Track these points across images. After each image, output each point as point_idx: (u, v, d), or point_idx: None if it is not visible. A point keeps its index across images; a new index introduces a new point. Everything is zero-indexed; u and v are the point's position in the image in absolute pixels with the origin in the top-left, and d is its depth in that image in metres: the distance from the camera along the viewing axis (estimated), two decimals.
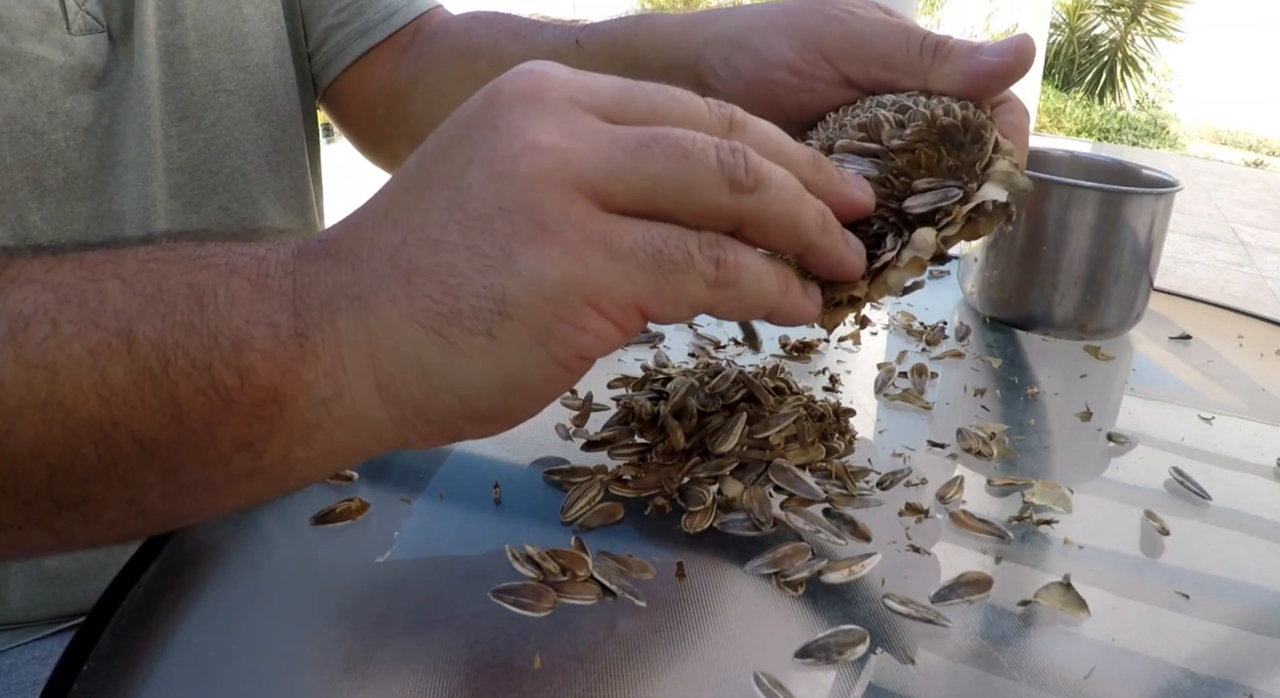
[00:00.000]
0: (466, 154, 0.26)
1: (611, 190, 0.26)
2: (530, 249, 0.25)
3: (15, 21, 0.46)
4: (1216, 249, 4.17)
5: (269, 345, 0.26)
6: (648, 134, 0.26)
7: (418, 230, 0.26)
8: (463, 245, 0.25)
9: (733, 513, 0.40)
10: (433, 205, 0.26)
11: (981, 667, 0.33)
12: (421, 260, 0.26)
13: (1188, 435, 0.52)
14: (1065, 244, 0.61)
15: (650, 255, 0.25)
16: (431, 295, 0.26)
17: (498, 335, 0.25)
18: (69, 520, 0.27)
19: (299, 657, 0.33)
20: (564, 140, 0.26)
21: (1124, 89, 9.15)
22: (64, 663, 0.32)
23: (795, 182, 0.28)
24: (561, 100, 0.26)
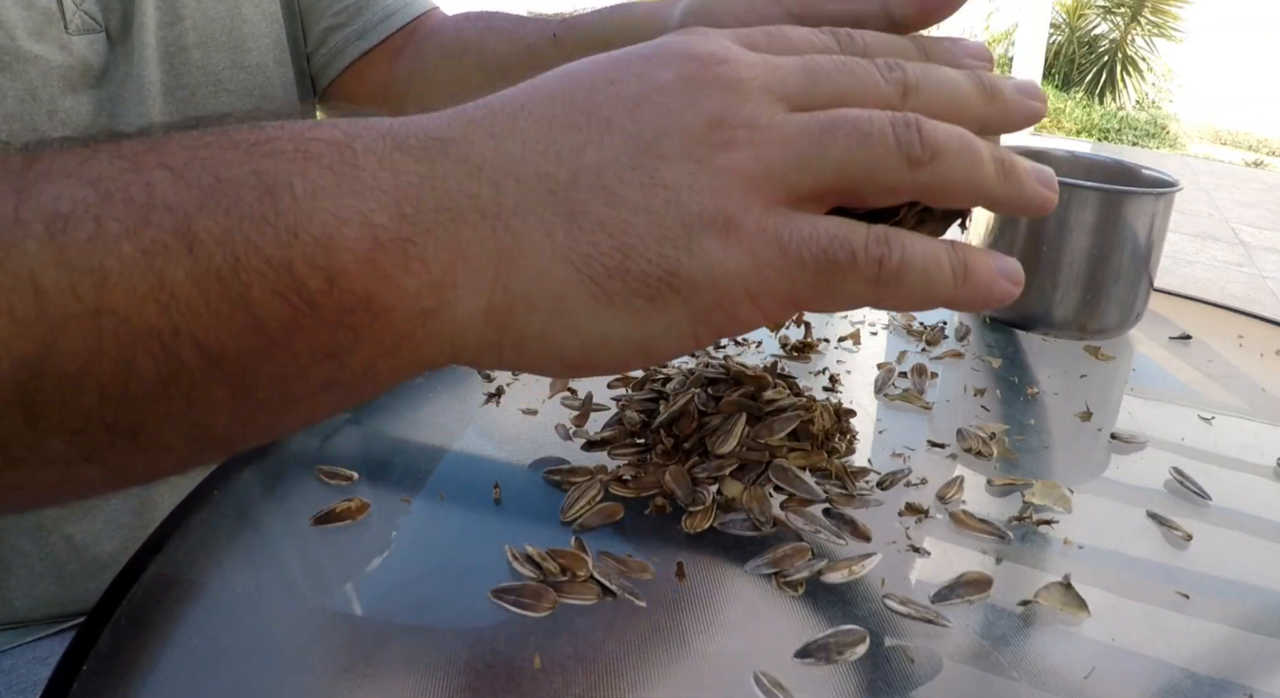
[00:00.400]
0: (660, 122, 0.26)
1: (799, 181, 0.26)
2: (711, 235, 0.25)
3: (13, 20, 0.46)
4: (1216, 249, 4.17)
5: (365, 247, 0.24)
6: (830, 121, 0.26)
7: (592, 173, 0.25)
8: (644, 208, 0.25)
9: (733, 513, 0.40)
10: (613, 156, 0.26)
11: (981, 667, 0.33)
12: (593, 207, 0.25)
13: (1188, 435, 0.52)
14: (1065, 244, 0.61)
15: (815, 255, 0.26)
16: (598, 245, 0.25)
17: (657, 303, 0.26)
18: (124, 450, 0.24)
19: (299, 657, 0.33)
20: (758, 135, 0.26)
21: (1124, 89, 9.15)
22: (64, 663, 0.32)
23: (970, 140, 0.28)
24: (758, 91, 0.27)
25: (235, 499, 0.41)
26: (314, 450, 0.45)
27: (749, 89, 0.26)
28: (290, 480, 0.43)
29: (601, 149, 0.26)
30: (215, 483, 0.42)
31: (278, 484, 0.43)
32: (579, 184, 0.25)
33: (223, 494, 0.41)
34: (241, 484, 0.42)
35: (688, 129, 0.26)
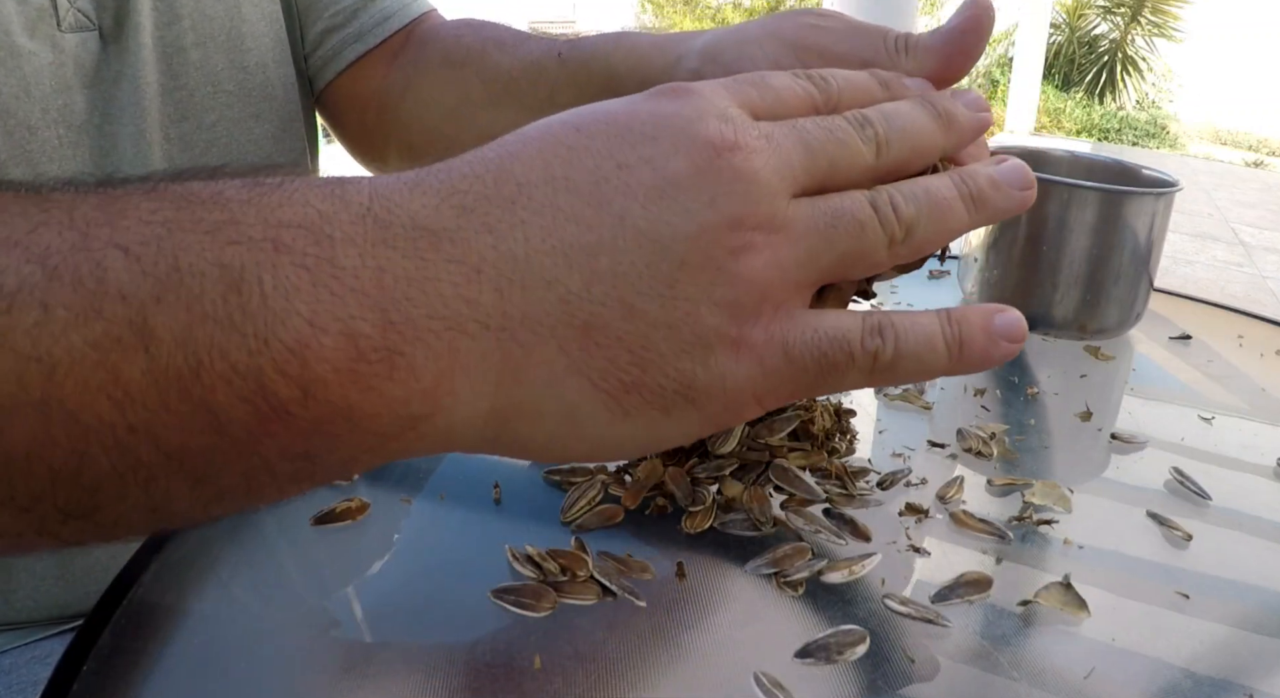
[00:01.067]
0: (677, 224, 0.25)
1: (806, 277, 0.27)
2: (727, 348, 0.26)
3: (6, 16, 0.46)
4: (1216, 249, 4.17)
5: (345, 359, 0.22)
6: (833, 216, 0.27)
7: (607, 282, 0.24)
8: (664, 323, 0.25)
9: (733, 513, 0.40)
10: (629, 262, 0.24)
11: (981, 667, 0.33)
12: (611, 320, 0.24)
13: (1188, 435, 0.52)
14: (1065, 244, 0.61)
15: (816, 359, 0.26)
16: (615, 360, 0.25)
17: (672, 413, 0.26)
18: (76, 529, 0.23)
19: (299, 657, 0.33)
20: (775, 237, 0.26)
21: (1124, 89, 9.15)
22: (64, 663, 0.32)
23: (936, 199, 0.29)
24: (770, 181, 0.26)
25: None
26: None
27: (763, 181, 0.26)
28: None
29: (616, 254, 0.24)
30: None
31: None
32: (593, 294, 0.24)
33: None
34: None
35: (706, 231, 0.25)
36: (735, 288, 0.25)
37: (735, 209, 0.25)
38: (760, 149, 0.26)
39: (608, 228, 0.24)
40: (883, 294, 0.71)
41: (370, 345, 0.22)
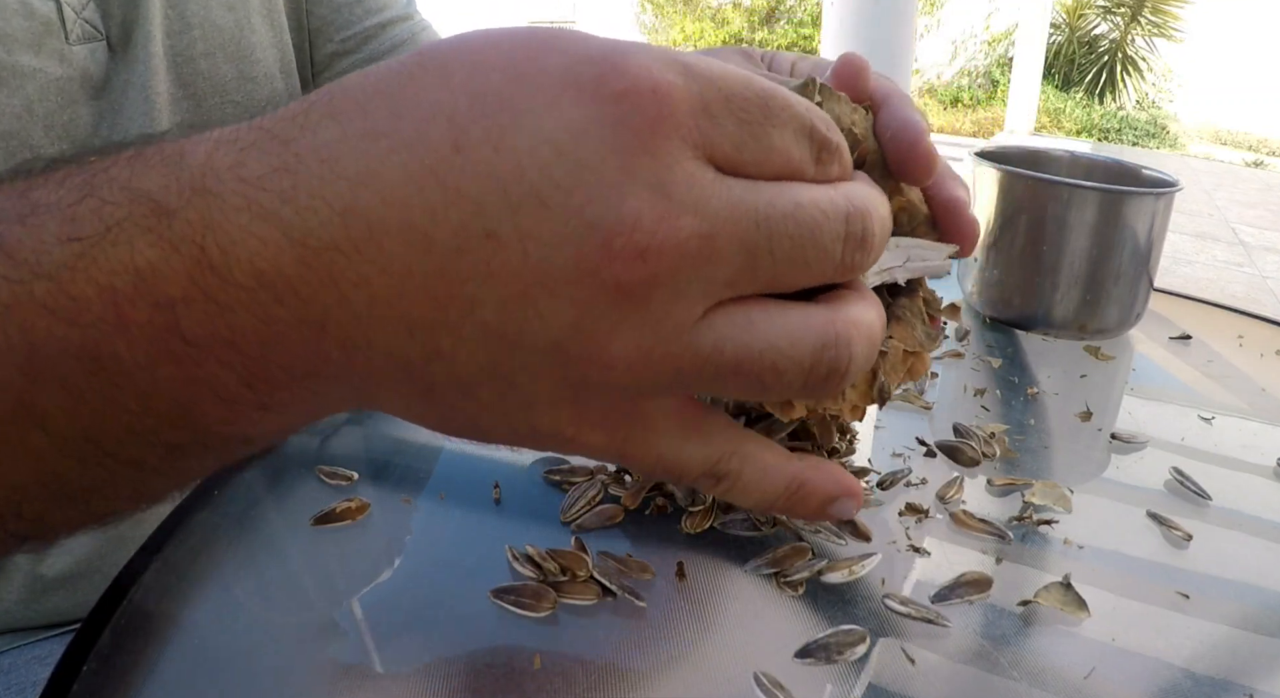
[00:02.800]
0: (528, 330, 0.21)
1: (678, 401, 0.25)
2: (562, 442, 0.24)
3: (11, 34, 0.46)
4: (1216, 249, 4.17)
5: (217, 416, 0.22)
6: (735, 362, 0.22)
7: (446, 363, 0.21)
8: (499, 410, 0.23)
9: (732, 513, 0.40)
10: (469, 352, 0.21)
11: (981, 667, 0.33)
12: (449, 395, 0.23)
13: (1188, 435, 0.52)
14: (1065, 244, 0.61)
15: (662, 469, 0.25)
16: (453, 422, 0.24)
17: (518, 442, 0.25)
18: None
19: (298, 657, 0.33)
20: (643, 375, 0.22)
21: (1124, 89, 9.15)
22: (64, 663, 0.32)
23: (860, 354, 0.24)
24: (677, 314, 0.21)
25: (235, 499, 0.41)
26: (314, 450, 0.45)
27: (656, 318, 0.21)
28: (290, 480, 0.43)
29: (458, 341, 0.21)
30: (215, 483, 0.42)
31: (278, 484, 0.43)
32: (432, 370, 0.22)
33: (223, 494, 0.41)
34: (242, 484, 0.42)
35: (559, 353, 0.21)
36: (581, 407, 0.23)
37: (600, 341, 0.21)
38: (673, 265, 0.20)
39: (455, 310, 0.21)
40: None
41: (247, 405, 0.22)
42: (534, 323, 0.21)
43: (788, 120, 0.22)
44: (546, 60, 0.21)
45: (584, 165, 0.20)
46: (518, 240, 0.20)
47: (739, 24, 8.92)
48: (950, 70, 9.04)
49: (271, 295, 0.20)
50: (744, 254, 0.21)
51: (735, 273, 0.21)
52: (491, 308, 0.21)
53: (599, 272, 0.20)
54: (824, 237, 0.22)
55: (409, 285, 0.20)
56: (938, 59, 8.96)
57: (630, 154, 0.20)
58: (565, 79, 0.20)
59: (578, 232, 0.20)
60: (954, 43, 9.05)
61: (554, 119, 0.20)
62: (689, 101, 0.21)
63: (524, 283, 0.20)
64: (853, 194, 0.23)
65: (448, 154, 0.20)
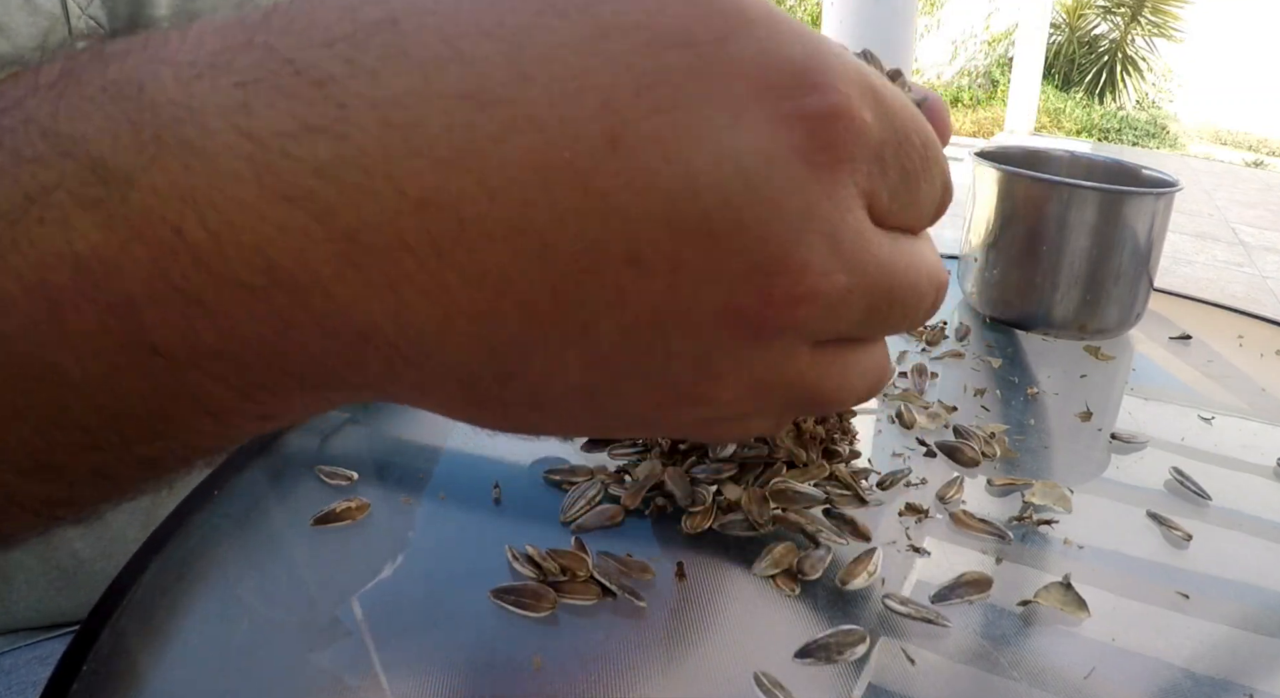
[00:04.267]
0: (643, 370, 0.18)
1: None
2: (637, 430, 0.21)
3: (14, 28, 0.46)
4: (1216, 249, 4.17)
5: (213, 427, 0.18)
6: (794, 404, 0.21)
7: (527, 382, 0.18)
8: (568, 422, 0.20)
9: (732, 514, 0.40)
10: (560, 371, 0.18)
11: (981, 667, 0.33)
12: (515, 411, 0.19)
13: (1188, 435, 0.52)
14: (1065, 244, 0.61)
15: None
16: (504, 426, 0.21)
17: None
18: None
19: (299, 657, 0.33)
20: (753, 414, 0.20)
21: (1124, 89, 9.15)
22: (64, 663, 0.32)
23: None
24: (797, 341, 0.19)
25: (235, 499, 0.41)
26: (314, 450, 0.45)
27: (778, 353, 0.19)
28: (290, 480, 0.43)
29: (549, 375, 0.18)
30: (215, 483, 0.42)
31: (278, 484, 0.43)
32: (506, 394, 0.18)
33: (223, 494, 0.41)
34: (242, 484, 0.42)
35: (663, 390, 0.19)
36: (665, 425, 0.21)
37: (718, 378, 0.19)
38: (815, 314, 0.18)
39: (560, 334, 0.17)
40: None
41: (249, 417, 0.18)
42: (655, 356, 0.18)
43: (937, 173, 0.21)
44: (738, 46, 0.16)
45: (767, 200, 0.16)
46: (668, 271, 0.16)
47: None
48: (950, 70, 9.04)
49: (291, 297, 0.15)
50: (867, 311, 0.19)
51: (851, 326, 0.20)
52: (609, 337, 0.17)
53: (746, 314, 0.17)
54: (922, 308, 0.21)
55: (504, 301, 0.16)
56: (938, 59, 8.96)
57: (814, 195, 0.17)
58: (759, 82, 0.17)
59: (741, 271, 0.17)
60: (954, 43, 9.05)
61: (742, 136, 0.16)
62: (874, 144, 0.18)
63: (659, 315, 0.17)
64: (940, 262, 0.23)
65: (600, 148, 0.15)
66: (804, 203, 0.17)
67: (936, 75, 8.94)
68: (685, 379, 0.18)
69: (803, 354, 0.19)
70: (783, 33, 0.17)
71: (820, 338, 0.19)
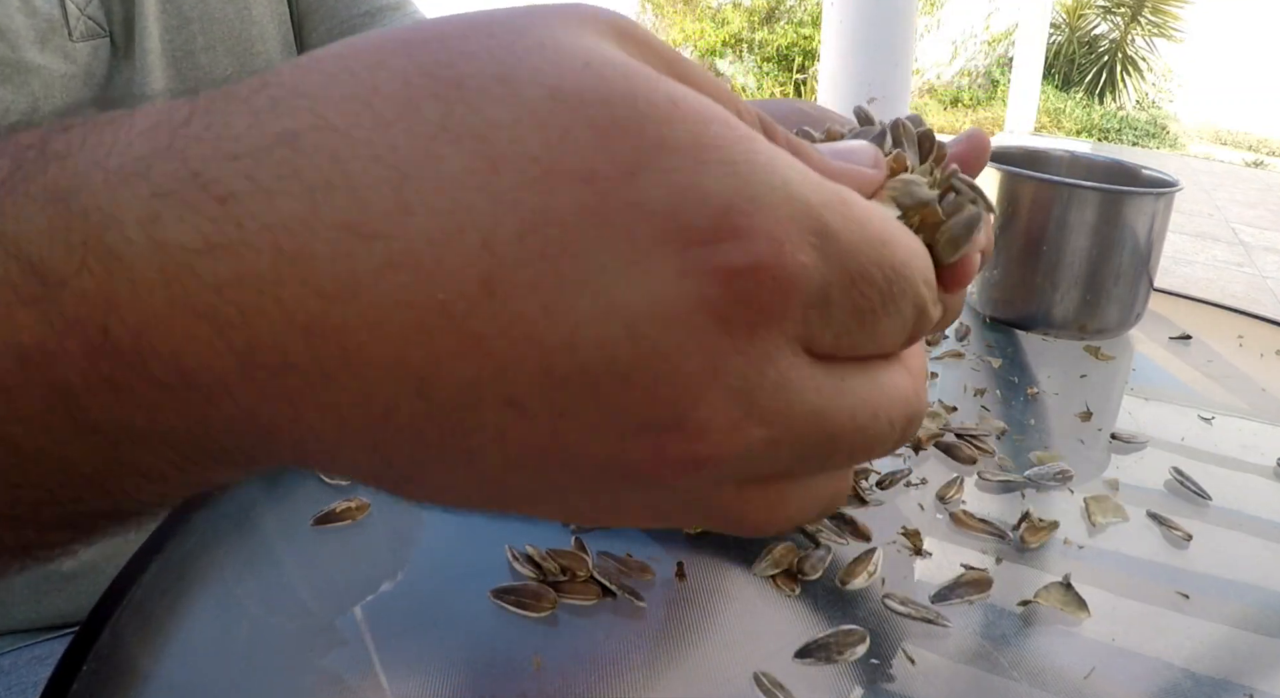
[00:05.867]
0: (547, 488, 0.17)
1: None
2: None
3: (16, 30, 0.45)
4: (1216, 249, 4.17)
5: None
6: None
7: (424, 486, 0.18)
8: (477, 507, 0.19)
9: None
10: (454, 485, 0.18)
11: (981, 667, 0.33)
12: (421, 496, 0.18)
13: (1188, 435, 0.52)
14: (1065, 244, 0.61)
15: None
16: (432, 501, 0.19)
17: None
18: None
19: (298, 657, 0.33)
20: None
21: (1124, 89, 9.15)
22: (64, 663, 0.32)
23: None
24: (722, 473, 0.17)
25: (235, 500, 0.41)
26: None
27: (683, 496, 0.17)
28: (290, 481, 0.43)
29: (442, 485, 0.18)
30: None
31: (278, 484, 0.43)
32: (407, 489, 0.18)
33: (223, 495, 0.41)
34: (242, 484, 0.42)
35: (556, 514, 0.19)
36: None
37: (614, 516, 0.18)
38: (726, 467, 0.17)
39: (447, 459, 0.17)
40: None
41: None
42: (547, 488, 0.17)
43: (904, 305, 0.18)
44: (647, 182, 0.15)
45: (661, 356, 0.15)
46: (549, 418, 0.16)
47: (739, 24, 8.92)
48: (950, 70, 9.04)
49: (204, 397, 0.16)
50: (799, 459, 0.18)
51: (783, 469, 0.18)
52: (495, 467, 0.16)
53: (640, 468, 0.16)
54: (880, 446, 0.19)
55: (391, 426, 0.16)
56: (938, 59, 8.96)
57: (722, 353, 0.15)
58: (667, 226, 0.15)
59: (628, 429, 0.16)
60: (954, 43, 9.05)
61: (636, 286, 0.15)
62: (810, 292, 0.16)
63: (543, 458, 0.16)
64: (920, 391, 0.20)
65: (475, 293, 0.15)
66: (707, 362, 0.15)
67: (936, 75, 8.94)
68: (584, 507, 0.18)
69: (725, 491, 0.18)
70: (709, 163, 0.15)
71: (746, 479, 0.18)
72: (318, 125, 0.15)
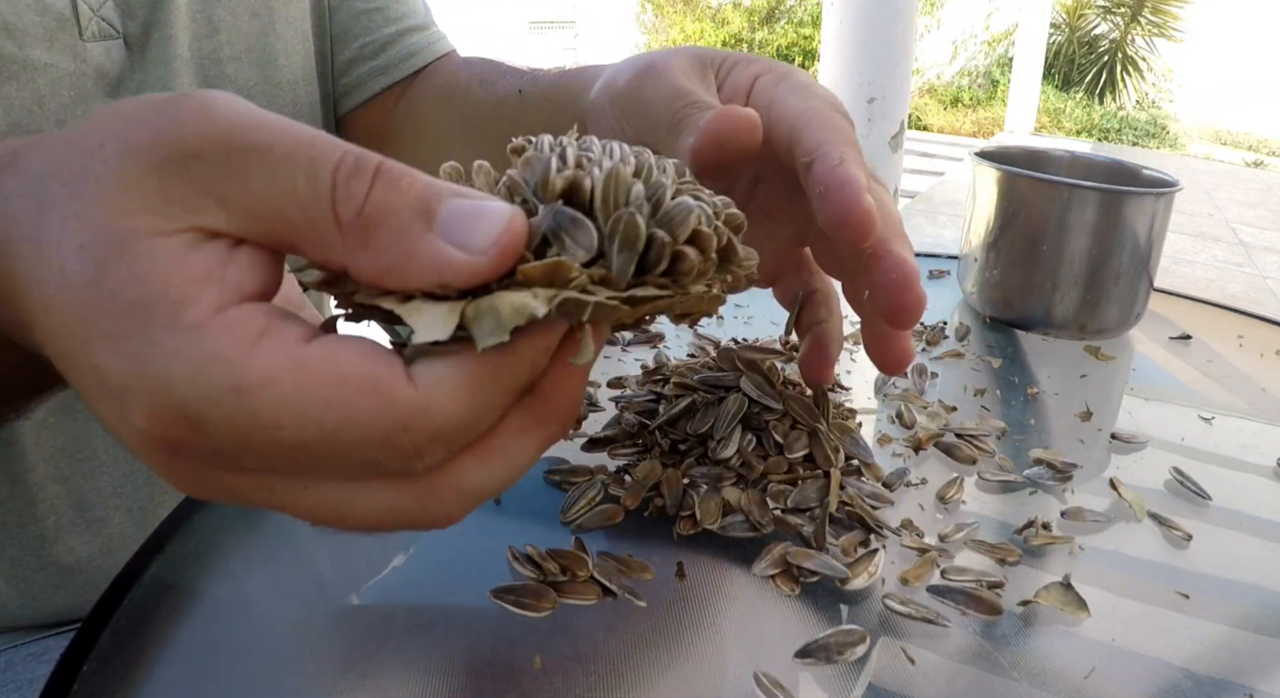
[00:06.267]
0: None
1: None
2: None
3: (22, 28, 0.45)
4: (1216, 249, 4.17)
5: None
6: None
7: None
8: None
9: (731, 516, 0.40)
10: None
11: (981, 667, 0.33)
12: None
13: (1188, 435, 0.52)
14: (1065, 244, 0.61)
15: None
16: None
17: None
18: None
19: (299, 657, 0.33)
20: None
21: (1124, 89, 9.14)
22: (64, 663, 0.32)
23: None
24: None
25: None
26: None
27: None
28: None
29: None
30: None
31: None
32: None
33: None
34: None
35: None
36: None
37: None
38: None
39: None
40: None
41: None
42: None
43: (338, 462, 0.21)
44: (98, 335, 0.21)
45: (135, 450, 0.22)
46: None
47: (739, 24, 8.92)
48: (950, 70, 9.04)
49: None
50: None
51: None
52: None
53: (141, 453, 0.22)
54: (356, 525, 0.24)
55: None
56: (938, 59, 8.96)
57: (160, 464, 0.22)
58: (103, 385, 0.21)
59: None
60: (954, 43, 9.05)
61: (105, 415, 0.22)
62: (200, 451, 0.21)
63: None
64: (424, 504, 0.23)
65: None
66: (160, 464, 0.22)
67: (936, 75, 8.94)
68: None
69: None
70: (119, 352, 0.20)
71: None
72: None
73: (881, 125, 2.36)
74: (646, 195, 0.23)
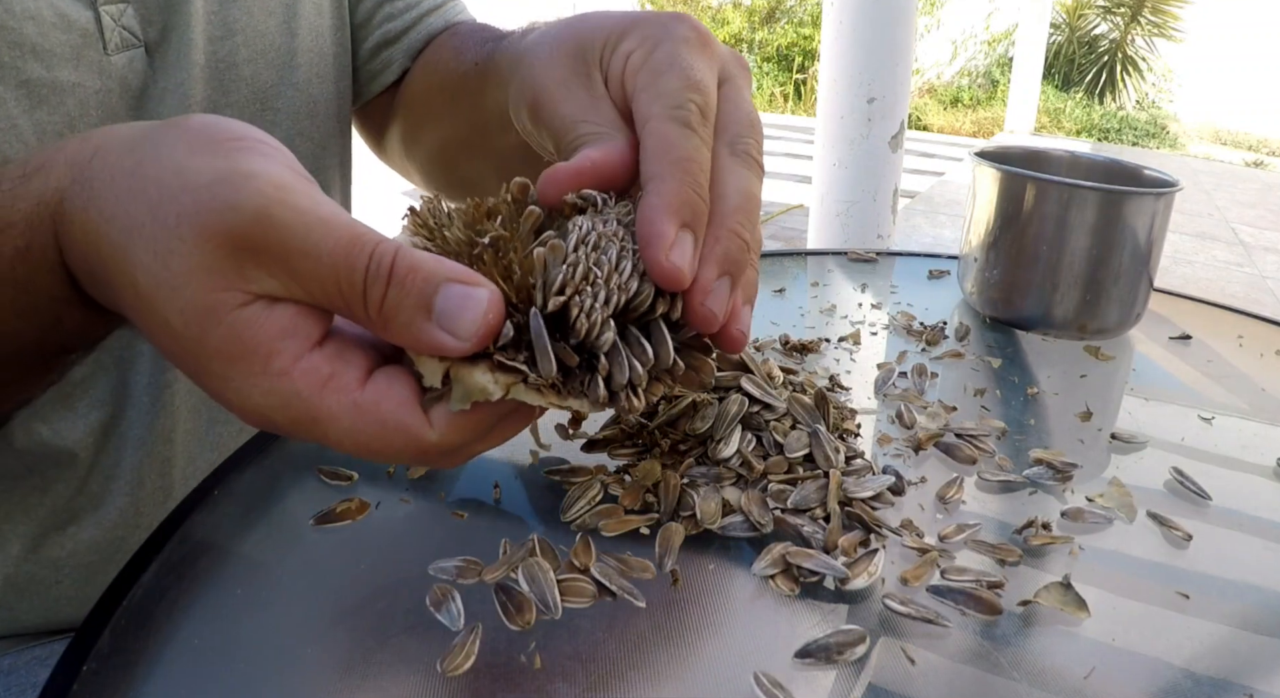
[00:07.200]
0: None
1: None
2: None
3: (49, 49, 0.44)
4: (1216, 249, 4.17)
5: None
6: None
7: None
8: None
9: (730, 516, 0.40)
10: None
11: (981, 667, 0.33)
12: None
13: (1188, 435, 0.52)
14: (1065, 244, 0.61)
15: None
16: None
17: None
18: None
19: (299, 657, 0.33)
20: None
21: (1124, 89, 9.14)
22: (64, 663, 0.32)
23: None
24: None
25: (235, 499, 0.41)
26: (314, 450, 0.45)
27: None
28: (290, 480, 0.43)
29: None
30: (215, 483, 0.42)
31: (278, 484, 0.43)
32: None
33: (223, 494, 0.41)
34: (242, 484, 0.42)
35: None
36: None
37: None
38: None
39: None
40: (881, 294, 0.71)
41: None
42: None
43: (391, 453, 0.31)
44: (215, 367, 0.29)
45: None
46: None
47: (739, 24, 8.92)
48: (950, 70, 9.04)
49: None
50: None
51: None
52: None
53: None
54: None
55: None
56: (938, 59, 8.96)
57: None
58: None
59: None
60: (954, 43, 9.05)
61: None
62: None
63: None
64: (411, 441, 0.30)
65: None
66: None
67: (936, 75, 8.94)
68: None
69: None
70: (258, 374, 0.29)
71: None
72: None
73: (881, 125, 2.36)
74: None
